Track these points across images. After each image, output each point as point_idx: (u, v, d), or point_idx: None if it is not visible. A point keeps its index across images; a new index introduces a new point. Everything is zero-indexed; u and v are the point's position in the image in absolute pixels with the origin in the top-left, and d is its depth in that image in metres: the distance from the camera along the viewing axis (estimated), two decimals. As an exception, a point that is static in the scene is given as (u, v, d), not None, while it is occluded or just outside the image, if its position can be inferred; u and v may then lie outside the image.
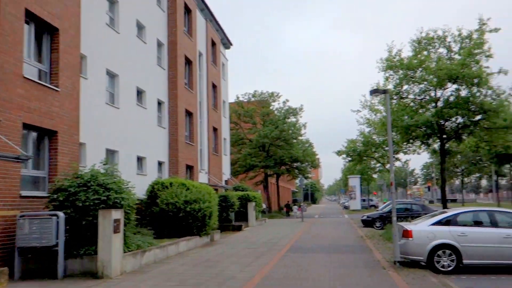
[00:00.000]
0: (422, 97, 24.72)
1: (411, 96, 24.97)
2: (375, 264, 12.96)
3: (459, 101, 22.96)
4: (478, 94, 22.75)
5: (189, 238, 18.05)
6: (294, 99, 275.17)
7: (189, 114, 27.35)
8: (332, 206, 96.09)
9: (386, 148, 45.81)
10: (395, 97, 24.27)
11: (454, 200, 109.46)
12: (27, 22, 12.65)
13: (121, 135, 19.09)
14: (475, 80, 22.22)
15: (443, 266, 11.83)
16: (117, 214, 11.51)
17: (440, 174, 25.40)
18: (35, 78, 12.77)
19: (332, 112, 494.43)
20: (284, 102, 49.31)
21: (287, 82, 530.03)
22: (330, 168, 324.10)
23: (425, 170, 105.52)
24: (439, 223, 12.32)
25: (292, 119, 48.67)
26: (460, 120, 23.86)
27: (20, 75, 11.88)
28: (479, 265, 11.98)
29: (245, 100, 49.23)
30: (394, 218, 12.71)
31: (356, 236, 22.08)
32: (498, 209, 12.70)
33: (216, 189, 31.54)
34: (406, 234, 12.31)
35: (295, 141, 49.35)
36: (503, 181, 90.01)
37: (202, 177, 29.72)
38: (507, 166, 60.98)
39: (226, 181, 37.88)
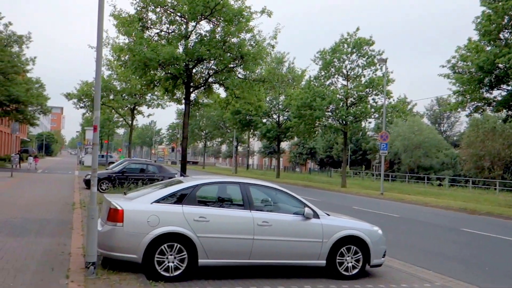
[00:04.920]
0: (171, 30, 19.83)
1: (158, 27, 19.78)
2: (60, 263, 7.69)
3: (215, 39, 18.77)
4: (236, 34, 18.89)
5: None
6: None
7: None
8: (70, 160, 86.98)
9: (127, 97, 40.42)
10: (138, 26, 18.78)
11: (195, 163, 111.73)
12: None
13: None
14: (235, 21, 18.35)
15: (167, 270, 7.27)
16: None
17: (182, 129, 21.22)
18: None
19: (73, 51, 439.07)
20: (6, 26, 39.03)
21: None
22: (78, 120, 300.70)
23: (171, 131, 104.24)
24: (169, 198, 7.69)
25: (16, 48, 38.99)
26: (212, 63, 19.76)
27: None
28: (222, 266, 7.79)
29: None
30: (94, 189, 7.42)
31: (66, 203, 16.34)
32: (253, 181, 8.65)
33: None
34: (114, 215, 7.28)
35: (18, 76, 39.80)
36: (240, 148, 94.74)
37: None
38: (247, 133, 62.60)
39: None
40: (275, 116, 50.27)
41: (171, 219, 7.37)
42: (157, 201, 7.54)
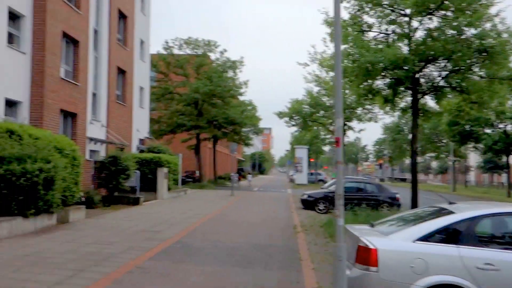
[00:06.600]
0: (390, 31, 17.51)
1: (375, 30, 17.63)
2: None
3: (447, 33, 15.71)
4: (476, 24, 15.49)
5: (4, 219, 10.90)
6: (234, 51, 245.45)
7: (71, 40, 19.65)
8: (280, 178, 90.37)
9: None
10: (351, 29, 16.93)
11: (403, 180, 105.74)
12: None
13: None
14: (468, 11, 15.18)
15: (441, 338, 5.19)
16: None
17: (411, 143, 18.49)
18: None
19: (284, 77, 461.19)
20: (221, 53, 41.72)
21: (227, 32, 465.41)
22: (285, 139, 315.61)
23: (377, 147, 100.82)
24: (437, 235, 5.61)
25: (230, 73, 41.33)
26: (444, 63, 16.69)
27: None
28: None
29: (176, 46, 41.19)
30: (340, 222, 5.73)
31: (287, 226, 15.37)
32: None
33: (122, 149, 24.43)
34: (366, 256, 5.50)
35: (233, 100, 42.13)
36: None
37: (94, 131, 22.22)
38: (467, 146, 56.16)
39: (142, 140, 30.63)
40: (501, 126, 43.78)
41: (444, 265, 5.29)
42: (422, 239, 5.53)
